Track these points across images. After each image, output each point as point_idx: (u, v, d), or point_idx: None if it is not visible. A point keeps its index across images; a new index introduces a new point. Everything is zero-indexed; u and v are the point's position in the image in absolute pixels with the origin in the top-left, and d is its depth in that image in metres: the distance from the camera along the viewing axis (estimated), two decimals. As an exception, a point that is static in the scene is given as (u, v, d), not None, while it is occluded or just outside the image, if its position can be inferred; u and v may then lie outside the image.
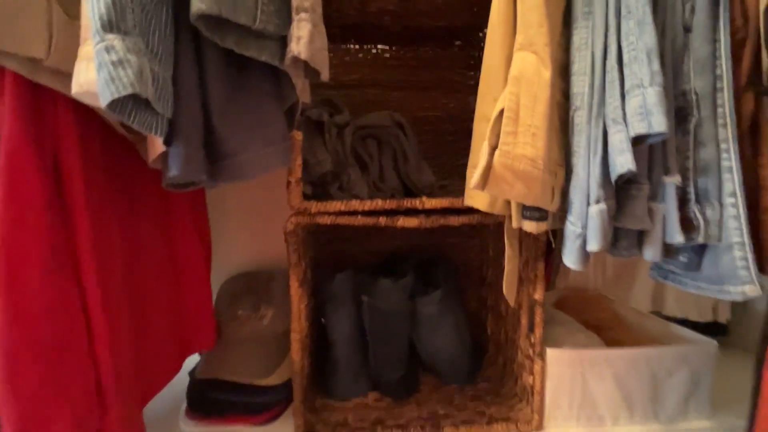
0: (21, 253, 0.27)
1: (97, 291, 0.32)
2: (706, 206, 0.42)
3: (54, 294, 0.28)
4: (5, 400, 0.27)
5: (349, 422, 0.57)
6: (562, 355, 0.55)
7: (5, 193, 0.26)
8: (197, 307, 0.60)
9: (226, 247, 0.76)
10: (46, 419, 0.28)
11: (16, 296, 0.27)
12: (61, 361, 0.29)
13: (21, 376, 0.27)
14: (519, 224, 0.46)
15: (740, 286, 0.41)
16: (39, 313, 0.27)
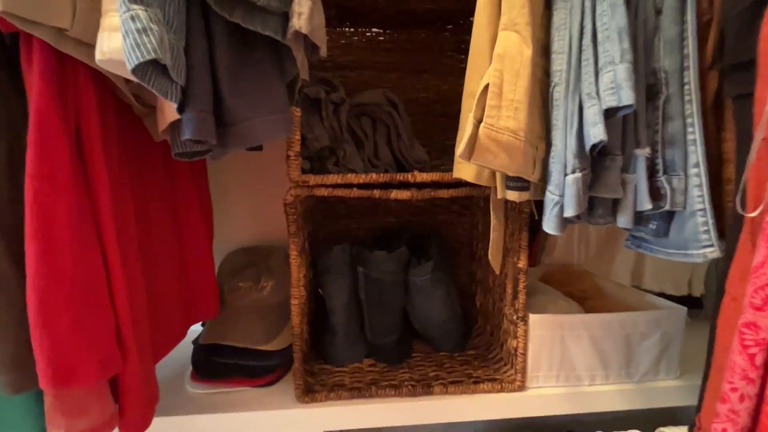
0: (51, 206, 0.29)
1: (116, 248, 0.35)
2: (672, 176, 0.46)
3: (79, 248, 0.31)
4: (39, 344, 0.30)
5: (346, 383, 0.61)
6: (543, 320, 0.60)
7: (37, 149, 0.29)
8: (200, 277, 0.63)
9: (228, 223, 0.79)
10: (75, 361, 0.31)
11: (47, 248, 0.30)
12: (86, 309, 0.32)
13: (53, 322, 0.30)
14: (503, 194, 0.49)
15: (702, 249, 0.45)
16: (67, 264, 0.30)
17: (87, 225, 0.32)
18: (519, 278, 0.59)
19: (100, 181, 0.33)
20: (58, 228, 0.30)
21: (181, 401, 0.58)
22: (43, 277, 0.29)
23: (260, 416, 0.57)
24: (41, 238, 0.29)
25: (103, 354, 0.33)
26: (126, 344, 0.36)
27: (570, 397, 0.61)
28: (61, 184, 0.30)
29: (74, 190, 0.31)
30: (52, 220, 0.29)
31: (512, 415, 0.60)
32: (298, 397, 0.58)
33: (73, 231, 0.31)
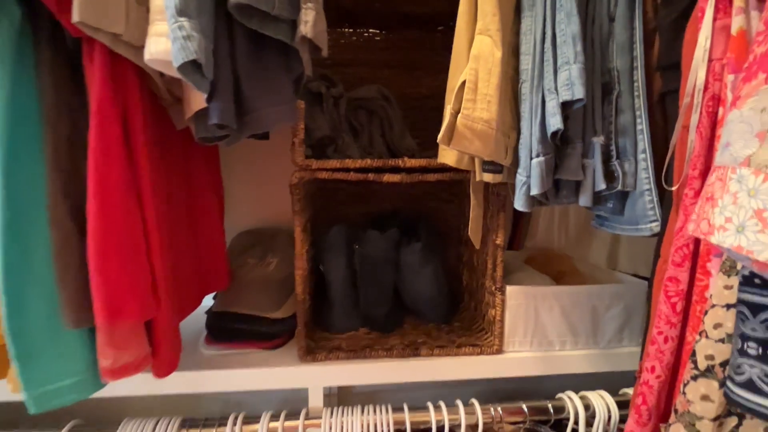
0: (107, 174, 0.37)
1: (153, 213, 0.42)
2: (624, 161, 0.53)
3: (126, 209, 0.38)
4: (96, 285, 0.37)
5: (343, 347, 0.69)
6: (519, 291, 0.67)
7: (97, 128, 0.36)
8: (213, 252, 0.70)
9: (235, 208, 0.86)
10: (123, 301, 0.39)
11: (104, 207, 0.37)
12: (131, 260, 0.39)
13: (107, 267, 0.37)
14: (481, 177, 0.57)
15: (649, 224, 0.53)
16: (118, 220, 0.38)
17: (131, 191, 0.39)
18: (497, 254, 0.66)
19: (141, 157, 0.40)
20: (112, 191, 0.37)
21: (197, 360, 0.66)
22: (100, 229, 0.36)
23: (267, 372, 0.64)
24: (100, 198, 0.36)
25: (143, 298, 0.41)
26: (159, 294, 0.44)
27: (542, 360, 0.69)
28: (114, 157, 0.37)
29: (123, 163, 0.38)
30: (108, 185, 0.37)
31: (490, 375, 0.68)
32: (300, 357, 0.65)
33: (123, 194, 0.38)
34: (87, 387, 0.41)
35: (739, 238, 0.23)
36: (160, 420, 0.61)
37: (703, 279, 0.40)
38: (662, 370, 0.43)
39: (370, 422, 0.62)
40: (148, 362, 0.44)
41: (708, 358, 0.37)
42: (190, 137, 0.60)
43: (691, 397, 0.38)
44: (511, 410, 0.66)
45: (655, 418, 0.45)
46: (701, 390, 0.38)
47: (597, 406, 0.66)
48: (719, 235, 0.24)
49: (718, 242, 0.24)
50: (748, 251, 0.22)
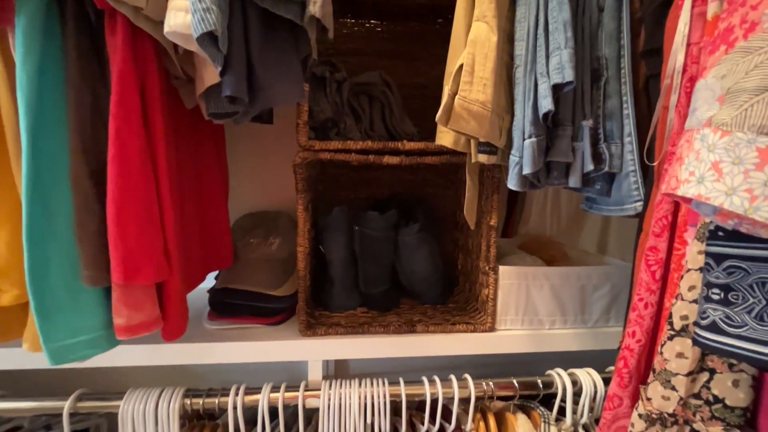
0: (127, 140, 0.39)
1: (167, 180, 0.44)
2: (611, 144, 0.57)
3: (144, 175, 0.41)
4: (115, 245, 0.40)
5: (342, 324, 0.72)
6: (511, 271, 0.70)
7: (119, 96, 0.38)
8: (218, 230, 0.73)
9: (241, 190, 0.88)
10: (139, 262, 0.41)
11: (124, 170, 0.39)
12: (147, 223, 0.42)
13: (125, 228, 0.40)
14: (476, 158, 0.60)
15: (633, 203, 0.56)
16: (136, 184, 0.40)
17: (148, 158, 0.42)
18: (491, 235, 0.69)
19: (157, 127, 0.43)
20: (131, 156, 0.39)
21: (202, 333, 0.68)
22: (119, 192, 0.39)
23: (269, 345, 0.67)
24: (119, 161, 0.39)
25: (158, 261, 0.43)
26: (171, 259, 0.46)
27: (533, 337, 0.72)
28: (134, 124, 0.39)
29: (141, 131, 0.40)
30: (128, 149, 0.39)
31: (483, 351, 0.71)
32: (301, 331, 0.68)
33: (140, 160, 0.40)
34: (102, 343, 0.44)
35: (699, 188, 0.26)
36: (164, 390, 0.64)
37: (680, 248, 0.43)
38: (642, 335, 0.46)
39: (367, 394, 0.65)
40: (159, 324, 0.47)
41: (683, 318, 0.40)
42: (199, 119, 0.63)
43: (667, 356, 0.42)
44: (502, 385, 0.69)
45: (635, 380, 0.48)
46: (677, 348, 0.41)
47: (584, 382, 0.69)
48: (684, 187, 0.27)
49: (683, 193, 0.27)
50: (706, 198, 0.25)
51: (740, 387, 0.38)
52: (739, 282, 0.28)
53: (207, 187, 0.70)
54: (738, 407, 0.38)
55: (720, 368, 0.39)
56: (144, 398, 0.62)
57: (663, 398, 0.42)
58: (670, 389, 0.41)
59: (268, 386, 0.65)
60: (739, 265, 0.28)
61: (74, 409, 0.61)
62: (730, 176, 0.24)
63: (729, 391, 0.38)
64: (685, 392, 0.40)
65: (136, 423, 0.62)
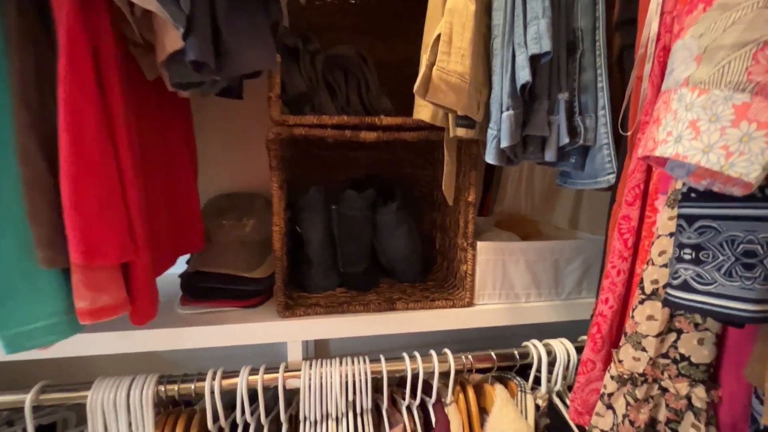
0: (80, 105, 0.36)
1: (128, 153, 0.41)
2: (586, 117, 0.57)
3: (100, 146, 0.38)
4: (72, 222, 0.36)
5: (321, 304, 0.71)
6: (488, 246, 0.71)
7: (68, 57, 0.34)
8: (187, 212, 0.69)
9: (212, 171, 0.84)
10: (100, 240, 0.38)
11: (78, 139, 0.36)
12: (108, 198, 0.39)
13: (83, 204, 0.37)
14: (454, 132, 0.59)
15: (606, 176, 0.57)
16: (93, 155, 0.37)
17: (104, 128, 0.39)
18: (468, 211, 0.70)
19: (114, 95, 0.39)
20: (86, 125, 0.36)
21: (175, 319, 0.66)
22: (74, 164, 0.36)
23: (246, 328, 0.65)
24: (73, 130, 0.35)
25: (121, 240, 0.41)
26: (136, 238, 0.43)
27: (510, 311, 0.73)
28: (86, 89, 0.36)
29: (96, 98, 0.37)
30: (81, 116, 0.36)
31: (462, 326, 0.72)
32: (279, 312, 0.67)
33: (97, 128, 0.37)
34: (63, 329, 0.41)
35: (677, 147, 0.26)
36: (135, 378, 0.61)
37: (651, 216, 0.44)
38: (615, 301, 0.48)
39: (348, 372, 0.65)
40: (126, 308, 0.44)
41: (653, 283, 0.42)
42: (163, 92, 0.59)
43: (638, 319, 0.43)
44: (481, 357, 0.71)
45: (608, 345, 0.49)
46: (647, 311, 0.42)
47: (558, 352, 0.71)
48: (661, 147, 0.27)
49: (660, 153, 0.27)
50: (683, 156, 0.26)
51: (705, 345, 0.40)
52: (709, 241, 0.29)
53: (174, 166, 0.67)
54: (702, 363, 0.40)
55: (687, 328, 0.41)
56: (114, 387, 0.59)
57: (634, 359, 0.44)
58: (640, 350, 0.43)
59: (246, 369, 0.63)
60: (709, 224, 0.29)
61: (37, 402, 0.58)
62: (707, 134, 0.25)
63: (694, 349, 0.40)
64: (654, 353, 0.42)
65: (107, 413, 0.60)
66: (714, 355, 0.40)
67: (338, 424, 0.66)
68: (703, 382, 0.40)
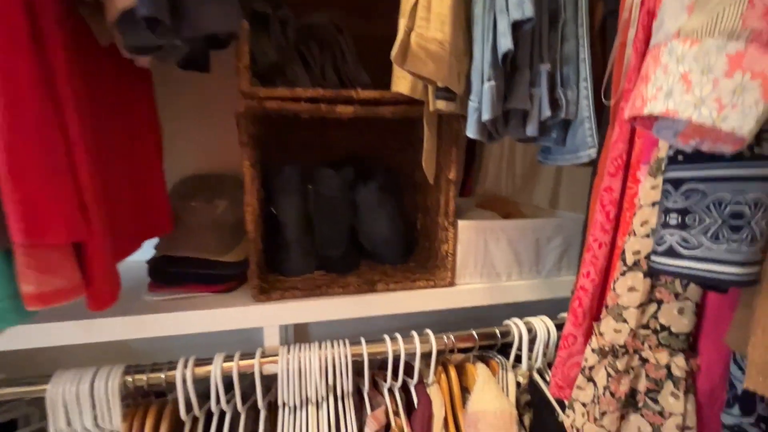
0: (13, 63, 0.31)
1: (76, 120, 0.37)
2: (567, 89, 0.56)
3: (42, 108, 0.33)
4: (11, 197, 0.32)
5: (299, 287, 0.68)
6: (470, 225, 0.70)
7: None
8: (153, 193, 0.65)
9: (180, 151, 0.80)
10: (45, 217, 0.34)
11: (13, 102, 0.31)
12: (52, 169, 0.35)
13: (22, 175, 0.32)
14: (434, 106, 0.57)
15: (587, 150, 0.57)
16: (32, 120, 0.32)
17: (46, 93, 0.34)
18: (449, 189, 0.68)
19: (57, 51, 0.35)
20: (20, 83, 0.32)
21: (142, 306, 0.62)
22: (11, 131, 0.32)
23: (219, 313, 0.62)
24: (5, 92, 0.31)
25: (69, 216, 0.37)
26: (89, 216, 0.40)
27: (491, 290, 0.73)
28: (19, 42, 0.31)
29: (32, 58, 0.33)
30: (15, 76, 0.32)
31: (443, 306, 0.71)
32: (254, 296, 0.64)
33: (35, 90, 0.33)
34: (7, 316, 0.37)
35: (667, 102, 0.25)
36: (99, 369, 0.58)
37: (632, 187, 0.44)
38: (596, 274, 0.47)
39: (328, 356, 0.63)
40: (81, 292, 0.41)
41: (635, 254, 0.41)
42: (119, 62, 0.54)
43: (619, 291, 0.43)
44: (463, 337, 0.70)
45: (589, 318, 0.49)
46: (628, 283, 0.42)
47: (538, 329, 0.71)
48: (650, 104, 0.26)
49: (649, 110, 0.26)
50: (674, 111, 0.24)
51: (685, 314, 0.40)
52: (696, 204, 0.28)
53: (136, 142, 0.62)
54: (682, 333, 0.40)
55: (667, 298, 0.40)
56: (76, 379, 0.56)
57: (615, 331, 0.43)
58: (621, 322, 0.43)
59: (220, 356, 0.61)
60: (696, 187, 0.28)
61: (-10, 398, 0.54)
62: (699, 86, 0.23)
63: (675, 318, 0.40)
64: (635, 324, 0.42)
65: (70, 407, 0.56)
66: (693, 324, 0.40)
67: (318, 409, 0.64)
68: (682, 352, 0.40)
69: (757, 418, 0.34)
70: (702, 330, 0.40)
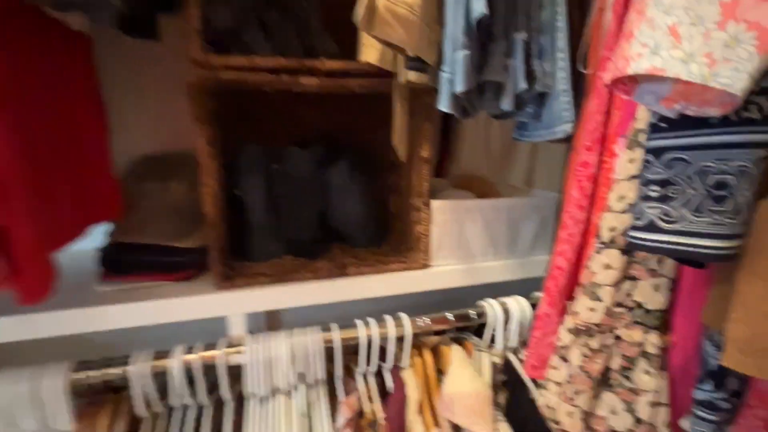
0: None
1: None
2: (544, 60, 0.53)
3: None
4: None
5: (266, 272, 0.65)
6: (444, 206, 0.68)
7: None
8: (97, 174, 0.60)
9: (131, 129, 0.73)
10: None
11: None
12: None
13: None
14: (405, 77, 0.53)
15: (564, 125, 0.55)
16: None
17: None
18: (422, 167, 0.65)
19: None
20: None
21: (92, 297, 0.57)
22: None
23: (178, 303, 0.58)
24: None
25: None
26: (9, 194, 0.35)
27: (466, 271, 0.71)
28: None
29: None
30: None
31: (416, 289, 0.69)
32: (217, 283, 0.60)
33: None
34: None
35: (653, 59, 0.23)
36: (44, 367, 0.53)
37: (609, 161, 0.42)
38: (572, 252, 0.46)
39: (298, 343, 0.60)
40: (8, 283, 0.36)
41: (611, 230, 0.39)
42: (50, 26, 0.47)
43: (594, 268, 0.41)
44: (438, 320, 0.68)
45: (563, 297, 0.48)
46: (604, 260, 0.40)
47: (513, 309, 0.71)
48: (634, 63, 0.23)
49: (634, 70, 0.23)
50: (661, 69, 0.22)
51: (660, 291, 0.39)
52: (679, 175, 0.26)
53: (75, 118, 0.56)
54: (657, 310, 0.39)
55: (642, 275, 0.39)
56: (14, 381, 0.51)
57: (589, 310, 0.42)
58: (596, 300, 0.42)
59: (181, 348, 0.57)
60: (679, 156, 0.26)
61: None
62: (689, 40, 0.21)
63: (650, 295, 0.39)
64: (610, 302, 0.41)
65: (15, 409, 0.51)
66: (668, 301, 0.39)
67: (290, 398, 0.62)
68: (657, 329, 0.39)
69: (728, 392, 0.34)
70: (676, 306, 0.39)
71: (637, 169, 0.36)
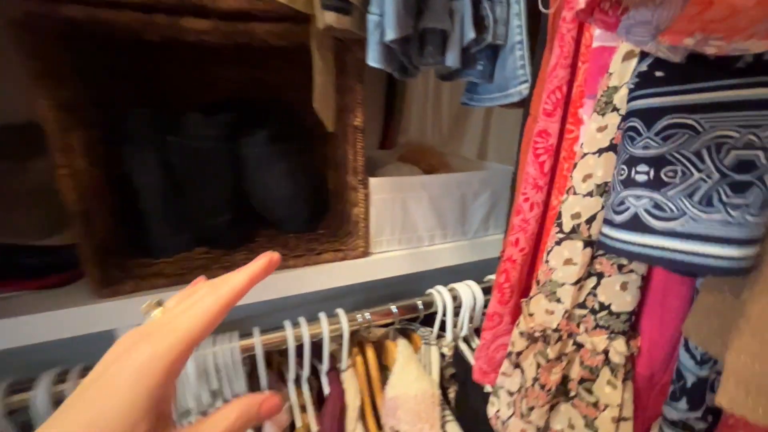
0: None
1: None
2: (495, 4, 0.43)
3: None
4: None
5: (166, 272, 0.52)
6: (384, 183, 0.58)
7: None
8: None
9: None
10: None
11: None
12: None
13: None
14: (323, 20, 0.41)
15: (518, 86, 0.45)
16: None
17: None
18: (356, 139, 0.54)
19: None
20: None
21: None
22: None
23: (41, 319, 0.45)
24: None
25: None
26: None
27: (412, 257, 0.63)
28: None
29: None
30: None
31: (356, 280, 0.60)
32: (95, 290, 0.47)
33: None
34: None
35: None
36: None
37: (573, 130, 0.33)
38: (526, 242, 0.38)
39: (207, 357, 0.50)
40: None
41: (574, 217, 0.31)
42: None
43: (553, 263, 0.34)
44: (381, 313, 0.60)
45: (517, 295, 0.41)
46: (564, 254, 0.33)
47: (463, 296, 0.64)
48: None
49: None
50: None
51: (628, 290, 0.32)
52: (680, 149, 0.18)
53: None
54: (624, 312, 0.32)
55: (609, 271, 0.32)
56: None
57: (547, 312, 0.35)
58: (555, 302, 0.34)
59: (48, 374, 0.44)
60: (684, 121, 0.18)
61: None
62: None
63: (616, 295, 0.32)
64: (571, 303, 0.33)
65: None
66: (637, 301, 0.32)
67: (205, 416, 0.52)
68: (623, 333, 0.33)
69: (704, 410, 0.28)
70: (645, 306, 0.32)
71: (610, 140, 0.27)
